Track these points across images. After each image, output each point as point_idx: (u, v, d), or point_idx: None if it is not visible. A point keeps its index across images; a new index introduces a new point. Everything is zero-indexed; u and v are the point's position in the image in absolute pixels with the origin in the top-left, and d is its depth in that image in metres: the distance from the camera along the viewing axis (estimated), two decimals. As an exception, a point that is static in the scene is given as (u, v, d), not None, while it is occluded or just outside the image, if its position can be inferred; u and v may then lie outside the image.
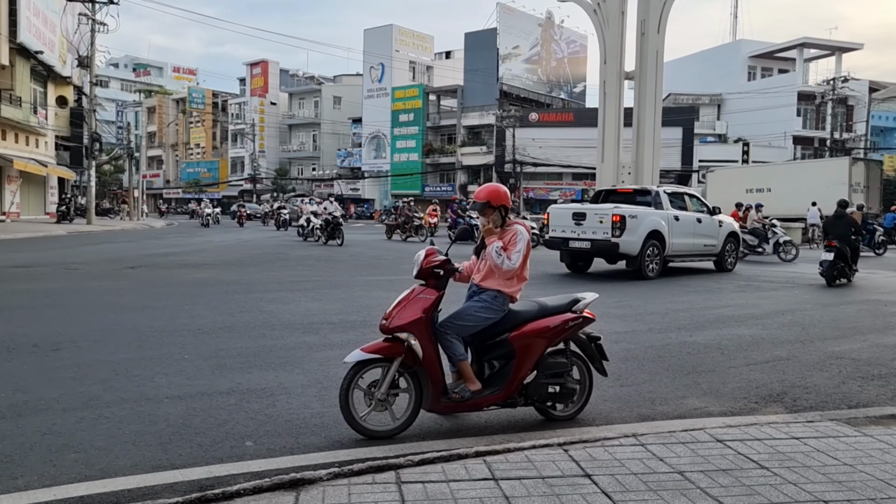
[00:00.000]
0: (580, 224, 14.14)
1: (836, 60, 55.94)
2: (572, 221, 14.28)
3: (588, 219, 14.01)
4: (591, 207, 14.64)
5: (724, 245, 15.87)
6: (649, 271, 13.87)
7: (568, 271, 14.98)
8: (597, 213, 13.97)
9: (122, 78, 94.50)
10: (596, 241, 13.81)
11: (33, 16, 32.84)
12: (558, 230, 14.66)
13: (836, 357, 6.77)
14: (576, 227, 14.22)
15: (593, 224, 13.84)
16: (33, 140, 36.45)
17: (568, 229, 14.35)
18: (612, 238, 13.51)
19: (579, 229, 14.15)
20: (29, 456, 3.80)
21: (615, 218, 13.50)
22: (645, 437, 4.08)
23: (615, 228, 13.49)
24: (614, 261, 14.68)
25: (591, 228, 13.87)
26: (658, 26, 29.42)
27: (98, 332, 7.32)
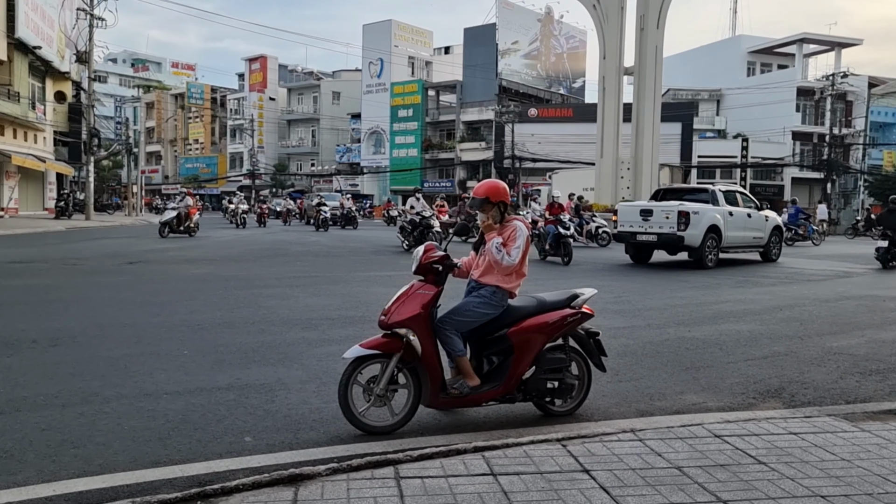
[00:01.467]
0: (647, 220, 15.68)
1: (836, 56, 55.89)
2: (640, 217, 15.82)
3: (655, 215, 15.53)
4: (658, 204, 15.98)
5: (769, 237, 17.29)
6: (708, 261, 15.21)
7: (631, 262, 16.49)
8: (663, 209, 15.45)
9: (120, 73, 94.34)
10: (662, 235, 15.31)
11: (31, 11, 32.76)
12: (626, 225, 16.19)
13: (834, 353, 6.78)
14: (643, 223, 15.76)
15: (660, 219, 15.37)
16: (32, 135, 36.39)
17: (636, 224, 15.90)
18: (678, 232, 14.95)
19: (646, 224, 15.68)
20: (28, 451, 3.80)
21: (681, 214, 14.95)
22: (643, 433, 4.09)
23: (680, 223, 14.96)
24: (676, 252, 16.21)
25: (658, 223, 15.39)
26: (657, 21, 29.42)
27: (97, 328, 7.32)
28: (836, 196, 48.18)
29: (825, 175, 46.53)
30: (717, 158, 50.03)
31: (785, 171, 52.27)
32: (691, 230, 14.89)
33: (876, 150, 54.81)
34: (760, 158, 50.41)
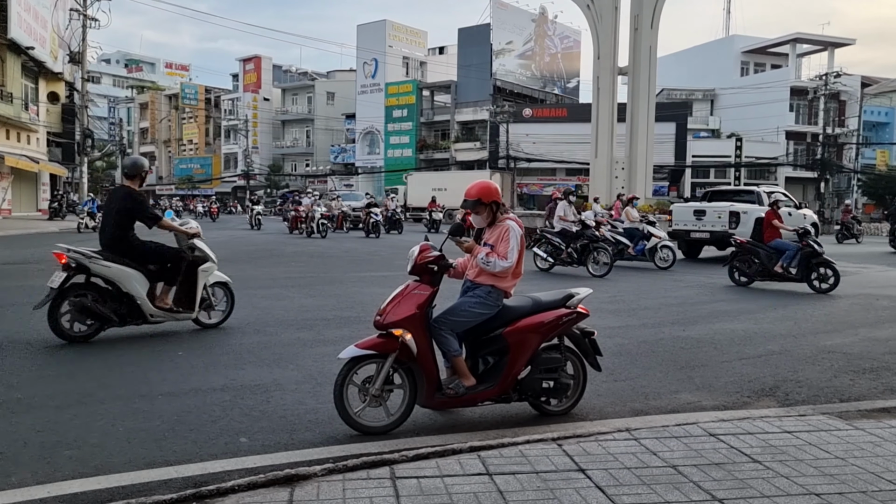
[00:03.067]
0: (700, 219, 17.49)
1: (829, 56, 56.11)
2: (693, 217, 17.73)
3: (708, 214, 17.33)
4: (710, 205, 17.71)
5: None
6: None
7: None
8: (716, 209, 17.14)
9: (114, 74, 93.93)
10: (715, 232, 16.97)
11: (24, 11, 32.61)
12: (681, 224, 18.08)
13: (828, 351, 6.81)
14: (696, 222, 17.59)
15: (712, 218, 17.09)
16: (25, 136, 36.23)
17: (689, 223, 17.78)
18: (729, 229, 16.30)
19: (700, 223, 17.48)
20: (23, 453, 3.79)
21: (732, 213, 16.57)
22: (638, 432, 4.10)
23: (731, 221, 16.57)
24: (726, 248, 16.83)
25: (711, 222, 17.13)
26: (651, 22, 29.48)
27: (91, 329, 7.28)
28: (829, 195, 48.35)
29: (819, 174, 46.69)
30: (712, 158, 50.16)
31: (779, 170, 52.43)
32: (741, 228, 16.03)
33: (869, 150, 55.08)
34: (754, 158, 50.56)
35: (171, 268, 7.05)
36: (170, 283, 7.05)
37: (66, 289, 6.49)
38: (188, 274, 7.12)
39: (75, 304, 6.50)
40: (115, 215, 6.91)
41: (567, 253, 13.73)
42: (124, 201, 6.94)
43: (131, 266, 6.80)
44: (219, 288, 7.64)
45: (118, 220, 6.89)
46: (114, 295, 6.72)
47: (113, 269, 6.68)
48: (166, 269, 7.03)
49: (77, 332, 6.56)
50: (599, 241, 13.73)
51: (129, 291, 6.73)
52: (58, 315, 6.45)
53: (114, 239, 6.86)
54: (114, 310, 6.67)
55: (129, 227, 6.95)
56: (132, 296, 6.73)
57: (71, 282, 6.54)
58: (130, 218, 6.95)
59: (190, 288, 7.13)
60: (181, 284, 7.12)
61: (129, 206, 6.93)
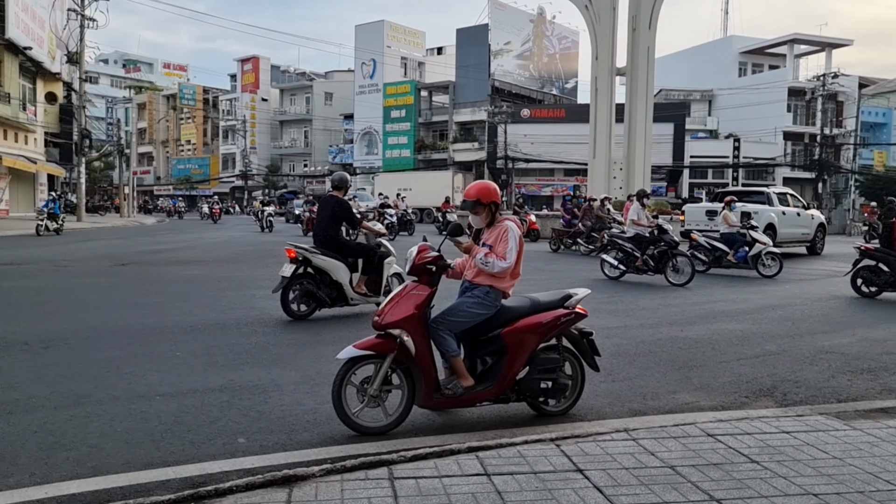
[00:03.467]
0: (712, 219, 18.04)
1: (827, 56, 56.18)
2: (705, 217, 18.60)
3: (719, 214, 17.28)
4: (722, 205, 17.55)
5: (815, 233, 19.81)
6: None
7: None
8: None
9: (111, 74, 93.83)
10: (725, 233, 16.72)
11: (22, 11, 32.58)
12: (693, 224, 18.86)
13: (826, 351, 6.82)
14: (709, 222, 18.31)
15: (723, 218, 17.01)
16: (22, 136, 36.19)
17: (701, 223, 18.51)
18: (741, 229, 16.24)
19: (712, 223, 17.81)
20: (20, 454, 3.78)
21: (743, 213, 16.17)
22: (636, 432, 4.10)
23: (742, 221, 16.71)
24: None
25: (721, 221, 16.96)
26: (649, 22, 29.50)
27: (89, 330, 7.29)
28: (827, 196, 48.42)
29: (816, 175, 46.76)
30: (709, 159, 50.21)
31: (776, 171, 52.48)
32: None
33: (867, 150, 55.13)
34: (752, 158, 50.62)
35: (365, 261, 8.61)
36: (365, 272, 8.64)
37: (293, 277, 8.06)
38: (377, 266, 8.59)
39: (302, 289, 8.14)
40: (328, 219, 8.45)
41: (642, 260, 12.77)
42: (335, 208, 8.50)
43: (338, 259, 8.27)
44: (395, 278, 8.88)
45: (330, 223, 8.44)
46: (326, 282, 8.21)
47: (328, 261, 8.20)
48: (363, 262, 8.64)
49: (300, 312, 8.14)
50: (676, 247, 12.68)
51: (338, 279, 8.24)
52: (288, 298, 8.01)
53: (327, 238, 8.38)
54: (327, 294, 8.20)
55: (338, 229, 8.54)
56: (340, 283, 8.24)
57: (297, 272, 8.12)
58: (339, 221, 8.52)
59: (377, 277, 8.60)
60: (371, 274, 8.59)
61: (339, 212, 8.49)
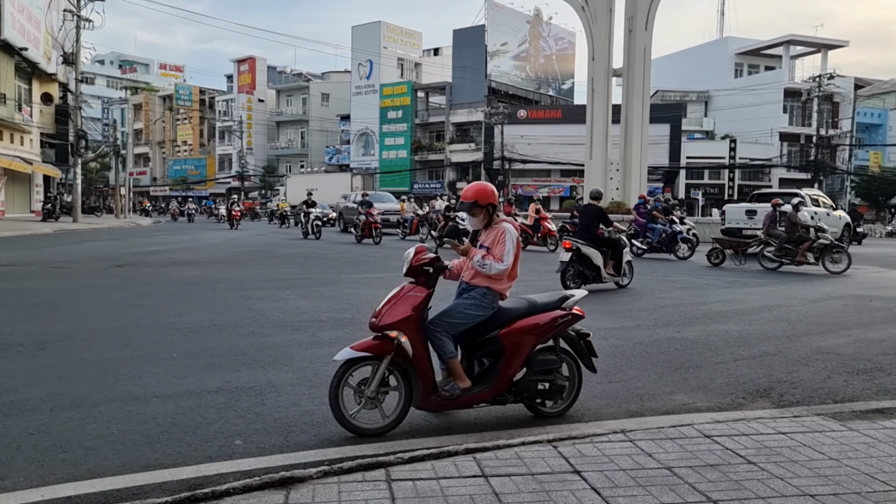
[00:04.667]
0: (752, 218, 19.98)
1: (822, 57, 56.38)
2: (745, 216, 20.35)
3: (759, 214, 19.44)
4: (761, 205, 19.80)
5: (841, 233, 21.51)
6: None
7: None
8: (766, 209, 18.49)
9: (107, 75, 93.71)
10: None
11: (17, 12, 32.50)
12: (733, 222, 20.81)
13: (822, 352, 6.83)
14: (748, 220, 20.08)
15: (762, 217, 18.44)
16: (18, 137, 36.10)
17: (741, 221, 20.42)
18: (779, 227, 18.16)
19: (751, 222, 19.84)
20: (16, 456, 3.77)
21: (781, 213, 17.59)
22: (633, 433, 4.10)
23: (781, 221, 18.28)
24: None
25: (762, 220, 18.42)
26: (646, 23, 29.50)
27: (85, 331, 7.27)
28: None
29: (812, 176, 46.89)
30: (706, 159, 50.32)
31: (772, 171, 52.64)
32: None
33: (862, 151, 55.34)
34: (748, 159, 50.79)
35: (613, 251, 11.67)
36: (613, 258, 11.66)
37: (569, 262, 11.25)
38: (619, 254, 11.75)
39: (576, 270, 11.30)
40: (590, 221, 11.84)
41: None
42: (595, 214, 11.95)
43: (597, 249, 11.43)
44: (627, 265, 12.05)
45: (592, 223, 11.80)
46: (588, 265, 11.36)
47: (590, 251, 11.37)
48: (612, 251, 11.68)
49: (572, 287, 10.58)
50: None
51: (597, 264, 11.36)
52: (566, 276, 11.18)
53: (590, 236, 11.62)
54: (591, 274, 11.32)
55: (597, 228, 11.75)
56: (598, 266, 11.36)
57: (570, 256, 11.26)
58: (598, 223, 11.77)
59: (618, 262, 11.72)
60: (615, 260, 11.68)
61: (599, 218, 11.85)
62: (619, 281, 11.83)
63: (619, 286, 11.79)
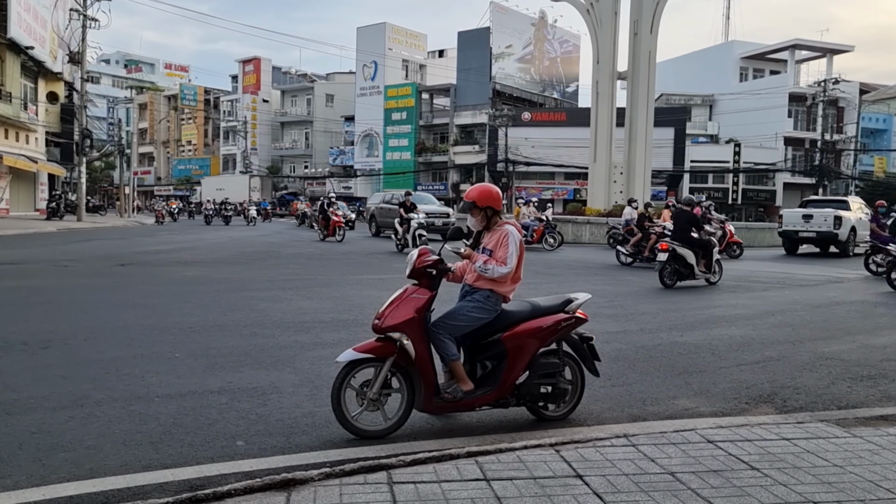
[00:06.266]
0: (808, 221, 21.87)
1: (828, 62, 56.22)
2: (802, 220, 22.10)
3: (815, 218, 21.63)
4: (816, 210, 21.90)
5: None
6: (850, 252, 21.31)
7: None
8: (822, 214, 21.48)
9: (113, 74, 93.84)
10: (821, 233, 21.44)
11: (24, 11, 32.60)
12: (790, 225, 22.51)
13: (826, 358, 6.80)
14: (804, 224, 21.96)
15: (819, 221, 21.45)
16: (23, 136, 36.19)
17: (798, 224, 22.22)
18: (833, 230, 21.02)
19: (807, 225, 21.82)
20: (18, 455, 3.77)
21: (836, 217, 21.01)
22: (636, 438, 4.09)
23: (835, 224, 21.06)
24: (827, 247, 22.32)
25: (818, 224, 21.48)
26: (651, 27, 29.50)
27: (88, 330, 7.28)
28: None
29: (817, 181, 46.79)
30: (710, 163, 50.22)
31: (777, 176, 52.51)
32: (842, 229, 20.86)
33: (867, 156, 55.19)
34: (752, 164, 50.64)
35: (704, 251, 12.97)
36: (704, 257, 12.95)
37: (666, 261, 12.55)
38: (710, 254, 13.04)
39: (672, 268, 12.58)
40: (685, 225, 13.06)
41: None
42: (689, 218, 13.27)
43: (690, 249, 12.73)
44: (716, 263, 13.22)
45: (686, 227, 13.03)
46: (685, 264, 12.61)
47: (685, 251, 12.66)
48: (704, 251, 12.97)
49: (669, 283, 12.50)
50: None
51: (691, 263, 12.62)
52: (664, 274, 12.53)
53: (685, 239, 12.83)
54: (686, 272, 12.55)
55: (690, 231, 12.98)
56: (692, 265, 12.62)
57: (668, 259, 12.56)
58: (691, 227, 13.07)
59: (709, 261, 13.02)
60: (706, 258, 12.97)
61: (692, 222, 13.19)
62: (709, 278, 13.09)
63: (709, 283, 13.09)
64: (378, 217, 27.72)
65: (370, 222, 28.96)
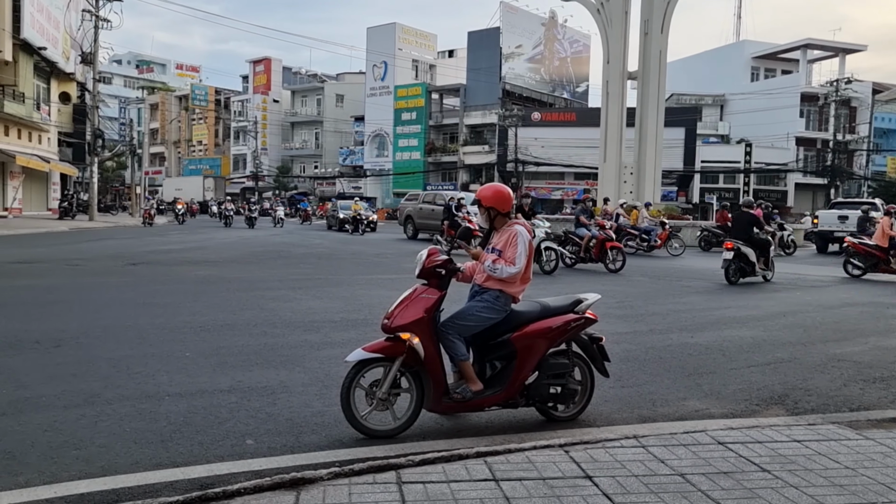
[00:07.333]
0: (843, 222, 23.22)
1: (840, 62, 55.86)
2: (837, 221, 23.62)
3: (850, 219, 22.54)
4: (852, 212, 22.72)
5: None
6: None
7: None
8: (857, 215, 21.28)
9: (125, 74, 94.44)
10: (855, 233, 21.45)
11: (37, 12, 32.83)
12: (825, 226, 24.17)
13: (838, 359, 6.76)
14: (840, 224, 23.31)
15: (853, 222, 21.59)
16: (36, 136, 36.45)
17: (833, 225, 23.81)
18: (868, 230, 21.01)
19: (843, 225, 23.01)
20: (30, 453, 3.80)
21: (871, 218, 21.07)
22: (646, 439, 4.07)
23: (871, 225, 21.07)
24: None
25: (853, 225, 21.56)
26: (661, 26, 29.41)
27: (99, 329, 7.32)
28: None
29: (829, 181, 46.48)
30: (721, 163, 49.99)
31: (788, 176, 52.23)
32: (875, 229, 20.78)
33: (880, 157, 54.76)
34: (764, 164, 50.38)
35: (762, 250, 13.73)
36: (762, 256, 13.70)
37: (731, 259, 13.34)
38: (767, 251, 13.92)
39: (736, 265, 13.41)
40: (746, 225, 13.82)
41: None
42: (750, 219, 13.97)
43: (750, 247, 13.50)
44: (773, 260, 14.11)
45: (748, 228, 13.76)
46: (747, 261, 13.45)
47: (748, 249, 13.44)
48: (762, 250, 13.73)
49: (733, 280, 13.30)
50: None
51: (753, 260, 13.45)
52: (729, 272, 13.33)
53: (746, 237, 13.60)
54: (748, 269, 13.45)
55: (752, 232, 13.70)
56: (753, 262, 13.45)
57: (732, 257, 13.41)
58: (752, 227, 13.78)
59: (767, 259, 13.82)
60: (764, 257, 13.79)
61: (753, 223, 13.90)
62: (765, 275, 13.81)
63: (765, 280, 13.76)
64: (416, 218, 25.94)
65: (405, 224, 27.00)
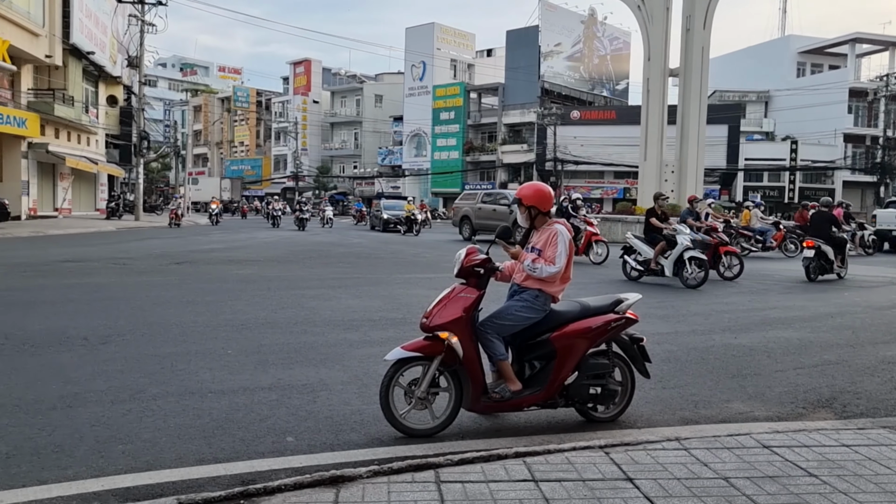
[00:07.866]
0: None
1: (890, 56, 54.23)
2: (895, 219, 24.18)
3: None
4: None
5: None
6: None
7: None
8: None
9: (169, 77, 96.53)
10: None
11: (85, 17, 33.75)
12: (884, 225, 24.37)
13: (888, 362, 6.55)
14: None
15: None
16: (85, 138, 37.45)
17: (892, 224, 24.08)
18: None
19: None
20: (79, 447, 3.90)
21: None
22: (688, 441, 4.00)
23: None
24: None
25: None
26: (704, 22, 28.88)
27: (145, 326, 7.48)
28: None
29: (878, 179, 45.15)
30: (765, 161, 48.96)
31: (836, 174, 50.90)
32: None
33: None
34: (810, 161, 49.20)
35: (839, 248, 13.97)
36: (839, 253, 13.90)
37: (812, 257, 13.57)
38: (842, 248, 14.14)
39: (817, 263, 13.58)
40: (826, 225, 13.98)
41: None
42: (829, 219, 14.19)
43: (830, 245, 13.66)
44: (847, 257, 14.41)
45: (827, 226, 13.91)
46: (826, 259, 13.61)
47: (827, 248, 13.62)
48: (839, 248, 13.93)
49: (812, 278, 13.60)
50: None
51: (832, 258, 13.62)
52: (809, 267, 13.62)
53: (825, 236, 13.72)
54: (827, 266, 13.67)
55: (831, 231, 13.93)
56: (832, 260, 13.66)
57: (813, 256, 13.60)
58: (831, 226, 13.99)
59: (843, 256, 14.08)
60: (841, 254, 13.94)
61: (832, 222, 14.12)
62: (840, 272, 14.07)
63: (839, 277, 14.02)
64: (474, 218, 24.73)
65: (461, 224, 25.73)
